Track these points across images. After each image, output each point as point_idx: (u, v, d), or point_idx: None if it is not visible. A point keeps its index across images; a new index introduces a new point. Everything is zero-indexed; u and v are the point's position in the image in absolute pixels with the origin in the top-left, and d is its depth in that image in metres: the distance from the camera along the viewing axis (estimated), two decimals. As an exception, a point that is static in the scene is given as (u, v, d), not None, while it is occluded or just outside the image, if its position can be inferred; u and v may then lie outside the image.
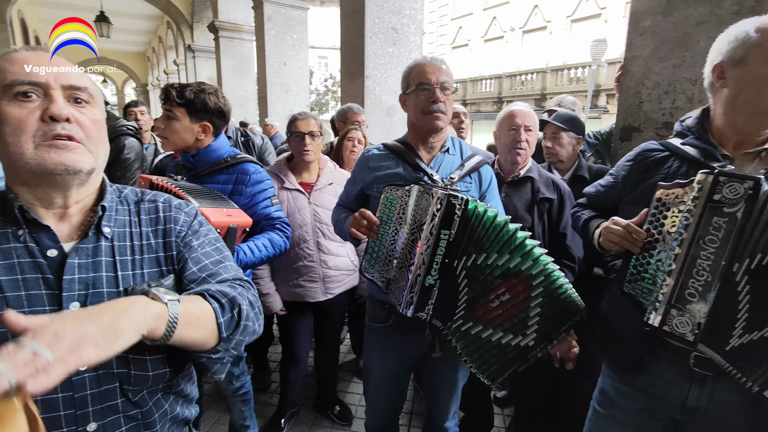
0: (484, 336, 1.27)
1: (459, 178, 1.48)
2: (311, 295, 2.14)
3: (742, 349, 0.95)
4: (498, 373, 1.31)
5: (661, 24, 2.02)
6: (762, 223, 0.93)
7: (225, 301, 0.81)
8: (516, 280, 1.25)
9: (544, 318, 1.26)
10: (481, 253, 1.23)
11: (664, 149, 1.27)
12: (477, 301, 1.26)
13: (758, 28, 1.02)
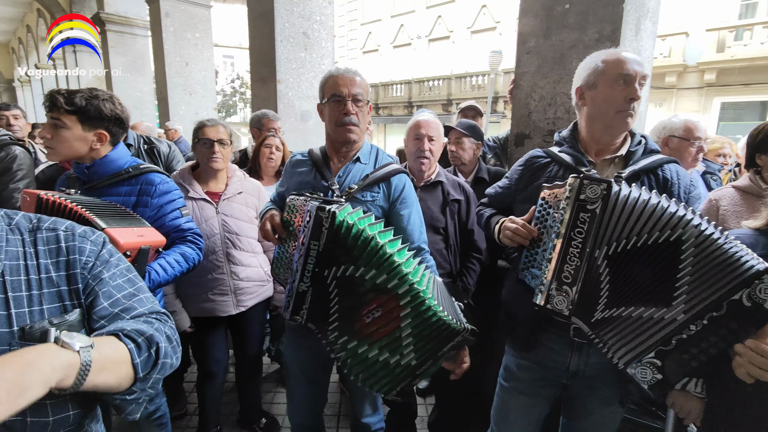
0: (361, 351, 1.28)
1: (359, 188, 1.50)
2: (222, 309, 2.06)
3: (603, 321, 1.15)
4: (390, 388, 1.31)
5: (543, 45, 2.33)
6: (615, 217, 1.14)
7: (141, 340, 0.77)
8: (387, 296, 1.26)
9: (419, 338, 1.25)
10: (351, 265, 1.26)
11: (546, 156, 1.49)
12: (354, 313, 1.28)
13: (603, 60, 1.29)
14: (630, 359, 1.10)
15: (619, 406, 1.38)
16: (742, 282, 0.96)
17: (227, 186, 2.12)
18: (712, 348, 1.02)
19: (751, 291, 0.95)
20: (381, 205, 1.56)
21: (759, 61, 10.50)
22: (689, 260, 1.05)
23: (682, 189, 1.30)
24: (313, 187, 1.53)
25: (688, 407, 1.37)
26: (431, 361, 1.28)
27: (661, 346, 1.06)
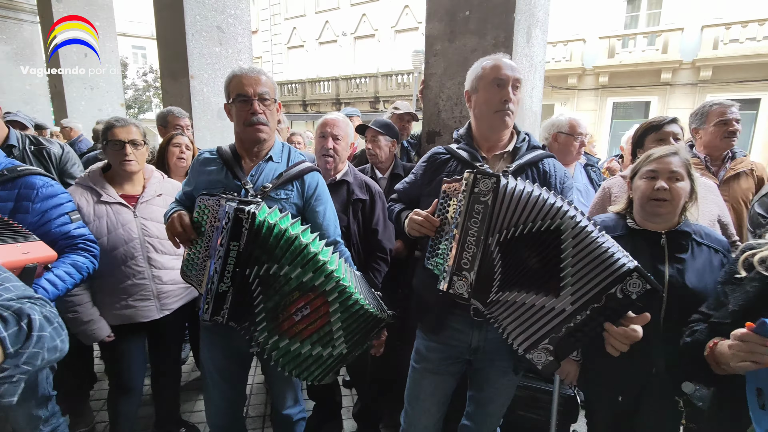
0: (294, 349, 1.36)
1: (273, 187, 1.53)
2: (145, 314, 1.97)
3: (497, 302, 1.29)
4: (322, 376, 1.42)
5: (448, 49, 2.49)
6: (504, 208, 1.28)
7: (8, 314, 0.74)
8: (313, 294, 1.32)
9: (348, 330, 1.39)
10: (273, 264, 1.29)
11: (446, 152, 1.62)
12: (280, 312, 1.34)
13: (482, 66, 1.44)
14: (528, 346, 1.25)
15: (514, 374, 1.55)
16: (617, 278, 1.15)
17: (145, 188, 2.00)
18: (593, 331, 1.20)
19: (624, 286, 1.14)
20: (296, 203, 1.59)
21: (641, 67, 12.02)
22: (569, 250, 1.21)
23: (558, 180, 1.49)
24: (225, 186, 1.52)
25: (566, 370, 1.58)
26: (360, 346, 1.39)
27: (553, 333, 1.22)
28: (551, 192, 1.26)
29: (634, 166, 1.58)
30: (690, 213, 1.48)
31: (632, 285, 1.13)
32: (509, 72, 1.42)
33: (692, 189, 1.47)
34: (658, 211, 1.44)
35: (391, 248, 2.13)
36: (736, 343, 0.95)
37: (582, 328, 1.19)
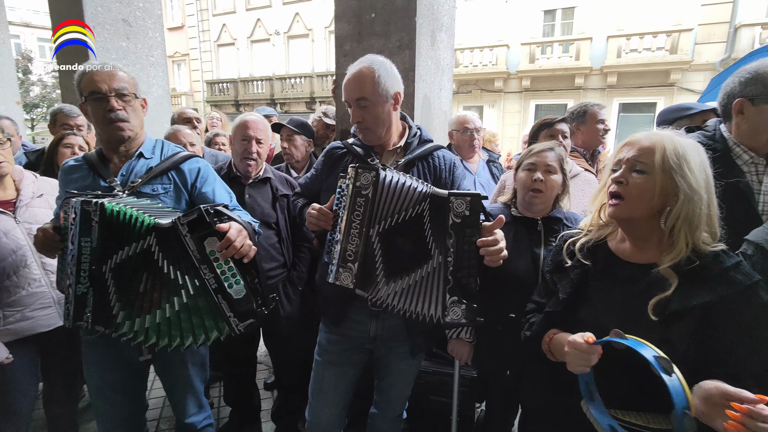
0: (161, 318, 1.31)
1: (143, 181, 1.48)
2: (46, 323, 1.82)
3: (402, 294, 1.35)
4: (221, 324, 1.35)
5: (356, 49, 2.55)
6: (383, 199, 1.34)
7: None
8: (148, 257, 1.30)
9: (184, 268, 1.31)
10: (123, 249, 1.27)
11: (343, 147, 1.66)
12: (132, 295, 1.31)
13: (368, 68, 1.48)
14: (441, 311, 1.33)
15: (412, 358, 1.63)
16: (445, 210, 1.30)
17: (19, 191, 1.83)
18: (471, 261, 1.31)
19: (452, 212, 1.29)
20: (179, 195, 1.55)
21: (558, 72, 13.02)
22: (428, 221, 1.34)
23: (447, 169, 1.58)
24: (93, 190, 1.44)
25: (461, 351, 1.69)
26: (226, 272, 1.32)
27: (447, 285, 1.32)
28: (420, 181, 1.35)
29: (519, 159, 1.72)
30: (562, 203, 1.65)
31: (458, 206, 1.28)
32: (349, 93, 1.49)
33: (564, 181, 1.63)
34: (534, 200, 1.59)
35: (313, 237, 2.16)
36: (573, 351, 1.02)
37: (461, 263, 1.30)
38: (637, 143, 1.07)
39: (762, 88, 1.38)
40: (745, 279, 0.98)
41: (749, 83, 1.42)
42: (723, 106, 1.51)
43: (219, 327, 1.36)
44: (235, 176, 2.09)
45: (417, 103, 2.55)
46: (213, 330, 1.36)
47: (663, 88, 12.02)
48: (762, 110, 1.38)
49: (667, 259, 1.03)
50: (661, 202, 1.04)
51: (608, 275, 1.13)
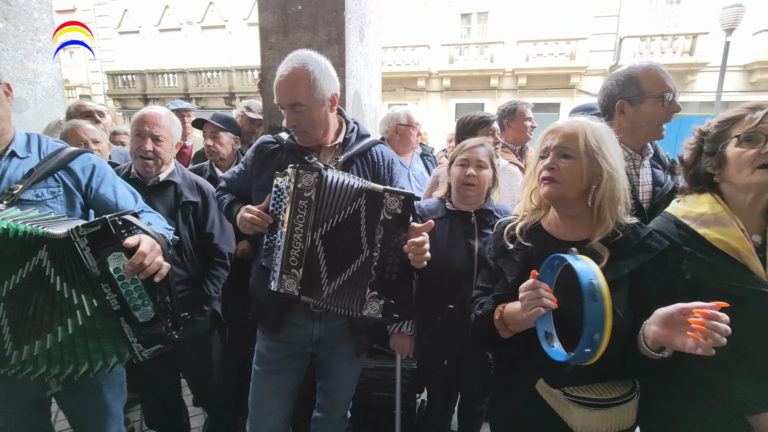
0: (52, 343, 1.13)
1: (25, 187, 1.25)
2: None
3: (335, 294, 1.33)
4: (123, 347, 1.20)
5: (283, 42, 2.45)
6: (326, 201, 1.30)
7: None
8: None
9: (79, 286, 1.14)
10: (15, 273, 1.10)
11: (275, 142, 1.57)
12: (21, 320, 1.13)
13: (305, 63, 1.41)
14: (359, 305, 1.31)
15: (357, 357, 1.61)
16: (379, 204, 1.29)
17: None
18: (396, 258, 1.31)
19: (386, 208, 1.29)
20: (71, 199, 1.35)
21: (475, 73, 13.80)
22: (363, 216, 1.32)
23: (386, 164, 1.57)
24: None
25: (402, 345, 1.72)
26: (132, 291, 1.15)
27: (369, 280, 1.31)
28: (360, 179, 1.34)
29: (452, 155, 1.78)
30: (493, 196, 1.74)
31: (391, 203, 1.29)
32: (280, 97, 1.41)
33: (494, 176, 1.72)
34: (468, 193, 1.66)
35: (230, 252, 2.00)
36: (525, 293, 1.05)
37: (386, 261, 1.31)
38: (561, 130, 1.16)
39: (637, 90, 1.55)
40: (660, 245, 1.13)
41: (626, 86, 1.57)
42: (604, 107, 1.66)
43: (119, 353, 1.20)
44: (135, 178, 1.84)
45: (348, 99, 2.53)
46: (113, 355, 1.19)
47: (565, 90, 13.30)
48: (639, 110, 1.55)
49: (597, 234, 1.14)
50: (588, 183, 1.14)
51: (547, 254, 1.19)
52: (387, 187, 1.30)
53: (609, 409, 1.10)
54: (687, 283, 1.17)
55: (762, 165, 1.12)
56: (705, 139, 1.25)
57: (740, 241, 1.15)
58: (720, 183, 1.23)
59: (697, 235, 1.19)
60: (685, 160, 1.31)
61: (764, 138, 1.12)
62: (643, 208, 1.54)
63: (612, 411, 1.10)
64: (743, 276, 1.13)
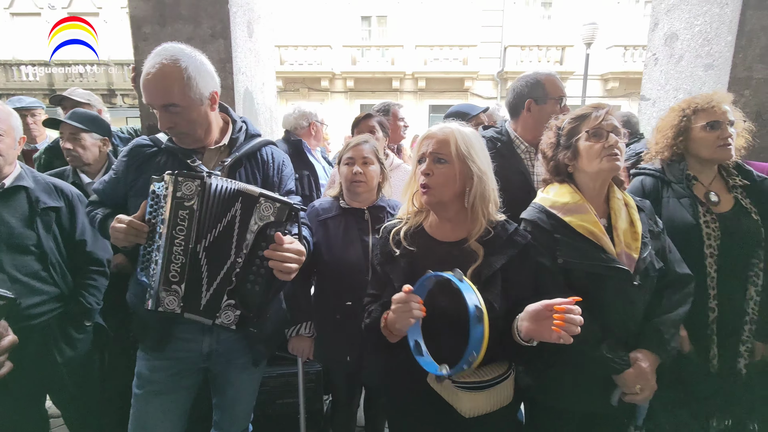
0: None
1: None
2: None
3: (209, 305, 1.25)
4: None
5: (160, 33, 2.24)
6: (210, 210, 1.22)
7: None
8: None
9: None
10: None
11: (152, 144, 1.43)
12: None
13: None
14: (211, 311, 1.23)
15: (255, 368, 1.54)
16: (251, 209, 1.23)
17: None
18: (261, 268, 1.25)
19: (259, 214, 1.23)
20: None
21: (378, 75, 14.14)
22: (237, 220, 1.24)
23: (276, 166, 1.51)
24: None
25: (301, 347, 1.68)
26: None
27: (228, 286, 1.23)
28: (235, 181, 1.27)
29: (339, 154, 1.79)
30: (384, 191, 1.79)
31: (265, 209, 1.23)
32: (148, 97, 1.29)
33: (382, 171, 1.77)
34: (357, 190, 1.68)
35: (108, 258, 1.78)
36: (397, 305, 1.08)
37: (249, 269, 1.24)
38: (435, 137, 1.23)
39: (542, 91, 1.78)
40: (523, 239, 1.26)
41: (533, 87, 1.80)
42: (513, 104, 1.86)
43: None
44: None
45: (238, 97, 2.40)
46: None
47: (460, 93, 14.27)
48: (543, 109, 1.77)
49: (473, 234, 1.23)
50: (462, 185, 1.22)
51: (431, 256, 1.26)
52: (263, 192, 1.23)
53: (492, 388, 1.21)
54: (560, 266, 1.32)
55: (607, 155, 1.31)
56: (561, 133, 1.43)
57: (596, 225, 1.33)
58: (574, 173, 1.42)
59: (564, 222, 1.35)
60: (546, 153, 1.48)
61: (606, 133, 1.32)
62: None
63: (494, 390, 1.22)
64: (600, 255, 1.31)
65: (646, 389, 1.27)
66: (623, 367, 1.26)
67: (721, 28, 2.31)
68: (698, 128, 1.61)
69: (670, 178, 1.66)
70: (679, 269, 1.40)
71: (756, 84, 2.25)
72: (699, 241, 1.58)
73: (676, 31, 2.62)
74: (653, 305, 1.36)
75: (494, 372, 1.22)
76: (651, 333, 1.32)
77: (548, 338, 1.01)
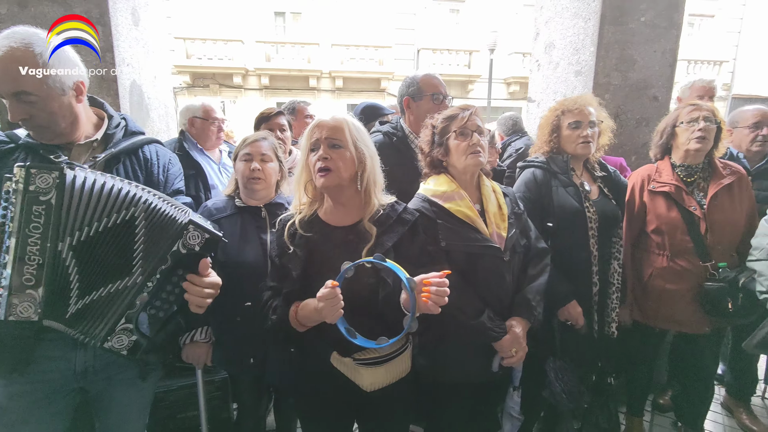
0: None
1: None
2: None
3: (79, 313, 1.13)
4: None
5: (20, 14, 2.00)
6: (75, 205, 1.10)
7: None
8: None
9: None
10: None
11: (9, 140, 1.26)
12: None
13: None
14: (104, 335, 1.12)
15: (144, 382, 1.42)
16: (176, 234, 1.16)
17: None
18: (171, 295, 1.18)
19: (184, 240, 1.17)
20: None
21: (294, 72, 13.82)
22: (142, 231, 1.15)
23: (161, 165, 1.42)
24: None
25: (197, 354, 1.60)
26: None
27: (129, 310, 1.13)
28: (127, 182, 1.17)
29: (236, 150, 1.72)
30: (283, 188, 1.76)
31: (192, 237, 1.18)
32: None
33: (281, 168, 1.74)
34: (255, 187, 1.64)
35: None
36: (325, 301, 1.10)
37: (158, 296, 1.18)
38: (327, 124, 1.27)
39: (417, 90, 1.95)
40: (412, 217, 1.35)
41: (410, 86, 1.98)
42: (399, 103, 2.06)
43: None
44: None
45: (123, 90, 2.20)
46: None
47: (377, 93, 14.51)
48: (419, 105, 1.94)
49: (366, 215, 1.29)
50: (355, 169, 1.28)
51: (327, 242, 1.29)
52: (194, 219, 1.16)
53: (391, 362, 1.30)
54: (443, 249, 1.43)
55: (471, 152, 1.45)
56: (435, 132, 1.55)
57: (471, 209, 1.47)
58: (448, 167, 1.54)
59: (444, 208, 1.48)
60: (424, 149, 1.59)
61: (471, 132, 1.47)
62: None
63: (393, 363, 1.30)
64: (477, 236, 1.45)
65: (520, 351, 1.44)
66: (501, 335, 1.42)
67: (586, 39, 2.64)
68: (565, 126, 1.84)
69: (556, 170, 1.87)
70: (539, 244, 1.60)
71: (613, 89, 2.61)
72: (584, 225, 1.82)
73: (553, 41, 2.94)
74: (521, 278, 1.54)
75: (392, 346, 1.29)
76: (521, 302, 1.49)
77: (422, 309, 1.09)
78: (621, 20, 2.55)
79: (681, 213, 1.87)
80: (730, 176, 1.88)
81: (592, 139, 1.81)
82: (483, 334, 1.41)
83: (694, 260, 1.86)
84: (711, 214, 1.85)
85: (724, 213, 1.84)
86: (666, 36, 2.62)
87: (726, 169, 1.92)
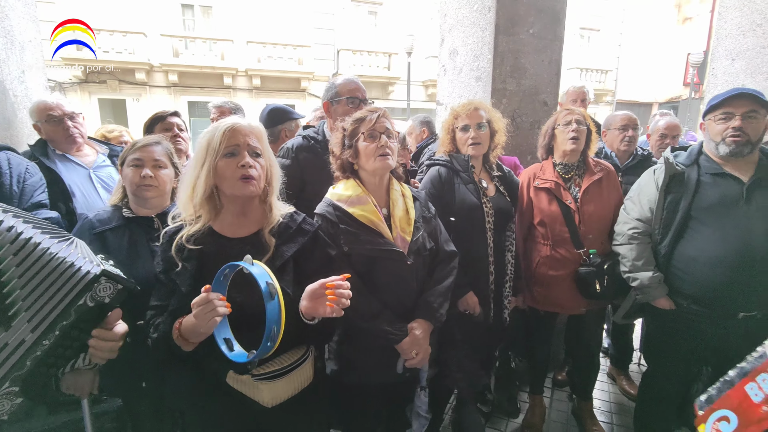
0: None
1: None
2: None
3: None
4: None
5: None
6: None
7: None
8: None
9: None
10: None
11: None
12: None
13: None
14: None
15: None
16: (84, 288, 1.05)
17: None
18: (69, 350, 1.07)
19: (93, 293, 1.06)
20: None
21: (206, 70, 12.99)
22: (12, 270, 0.99)
23: (15, 176, 1.27)
24: None
25: (80, 384, 1.44)
26: None
27: (17, 371, 0.99)
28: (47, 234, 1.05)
29: (123, 154, 1.58)
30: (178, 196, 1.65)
31: (102, 290, 1.10)
32: None
33: (177, 174, 1.63)
34: (146, 195, 1.52)
35: None
36: (199, 308, 1.03)
37: (55, 353, 1.05)
38: (246, 130, 1.22)
39: (335, 93, 2.01)
40: (311, 227, 1.35)
41: (329, 90, 2.04)
42: (323, 107, 2.09)
43: None
44: None
45: (-21, 88, 1.91)
46: None
47: (297, 93, 14.22)
48: (337, 109, 1.99)
49: (267, 226, 1.27)
50: (267, 179, 1.26)
51: (221, 255, 1.22)
52: (107, 270, 1.07)
53: (291, 373, 1.26)
54: (345, 253, 1.45)
55: (380, 154, 1.48)
56: (345, 134, 1.56)
57: (375, 214, 1.50)
58: (359, 170, 1.56)
59: (348, 213, 1.49)
60: (335, 152, 1.59)
61: (379, 134, 1.49)
62: None
63: (294, 374, 1.27)
64: (379, 240, 1.48)
65: (421, 353, 1.49)
66: (401, 337, 1.46)
67: (483, 48, 2.84)
68: (458, 129, 1.97)
69: (458, 168, 1.98)
70: (447, 248, 1.68)
71: (509, 94, 2.84)
72: (482, 219, 1.95)
73: (457, 48, 3.12)
74: (427, 281, 1.60)
75: (292, 357, 1.27)
76: (422, 304, 1.55)
77: (323, 313, 1.10)
78: (512, 31, 2.78)
79: (560, 206, 2.10)
80: (599, 172, 2.16)
81: (480, 141, 1.96)
82: (382, 337, 1.45)
83: (570, 249, 2.10)
84: (583, 206, 2.10)
85: (594, 205, 2.11)
86: (551, 47, 2.92)
87: (597, 166, 2.19)
